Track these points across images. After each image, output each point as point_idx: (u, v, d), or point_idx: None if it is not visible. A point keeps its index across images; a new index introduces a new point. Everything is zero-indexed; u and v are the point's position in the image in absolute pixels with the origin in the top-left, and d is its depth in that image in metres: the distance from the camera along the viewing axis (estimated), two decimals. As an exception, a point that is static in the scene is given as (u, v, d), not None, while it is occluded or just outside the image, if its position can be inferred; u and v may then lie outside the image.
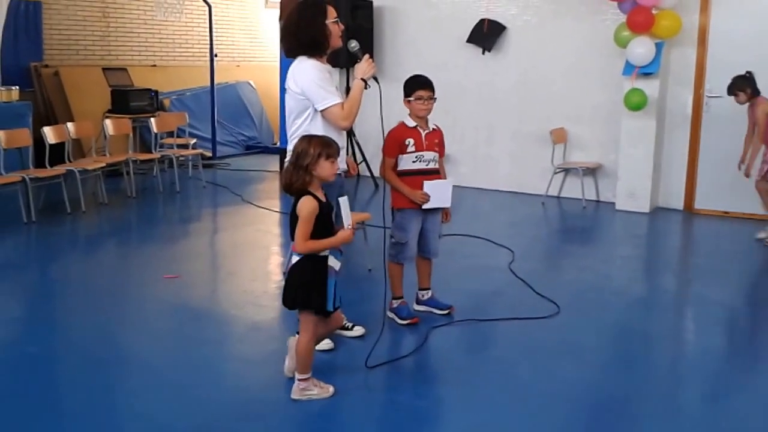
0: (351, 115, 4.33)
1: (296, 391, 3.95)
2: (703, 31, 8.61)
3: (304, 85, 4.32)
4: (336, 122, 4.32)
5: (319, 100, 4.29)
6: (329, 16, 4.41)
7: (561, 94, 9.49)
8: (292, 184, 3.78)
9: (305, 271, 3.82)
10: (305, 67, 4.36)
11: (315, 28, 4.37)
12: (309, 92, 4.31)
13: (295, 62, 4.43)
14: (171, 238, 7.73)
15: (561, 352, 4.72)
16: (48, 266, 6.71)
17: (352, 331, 4.81)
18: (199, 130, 12.19)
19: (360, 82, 4.37)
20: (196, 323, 5.20)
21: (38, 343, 4.76)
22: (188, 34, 13.47)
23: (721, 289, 6.07)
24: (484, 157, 10.14)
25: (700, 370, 4.58)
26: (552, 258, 7.32)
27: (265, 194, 9.91)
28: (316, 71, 4.34)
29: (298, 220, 3.74)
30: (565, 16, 9.40)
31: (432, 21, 10.28)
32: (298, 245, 3.77)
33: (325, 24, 4.38)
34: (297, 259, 3.83)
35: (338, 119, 4.31)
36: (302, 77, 4.34)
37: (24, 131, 8.44)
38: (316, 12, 4.39)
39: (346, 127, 4.38)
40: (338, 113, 4.30)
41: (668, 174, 8.97)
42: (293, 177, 3.76)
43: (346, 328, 4.80)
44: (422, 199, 4.93)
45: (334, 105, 4.29)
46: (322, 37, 4.38)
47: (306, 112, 4.37)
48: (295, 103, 4.40)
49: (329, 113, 4.30)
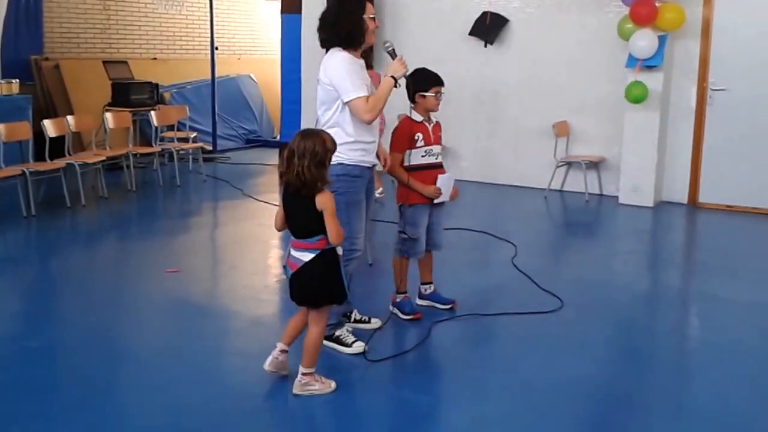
0: (375, 109, 4.31)
1: (298, 386, 3.92)
2: (707, 24, 8.55)
3: (333, 77, 4.33)
4: (359, 115, 4.30)
5: (345, 92, 4.29)
6: (367, 12, 4.44)
7: (564, 87, 9.44)
8: (316, 182, 3.73)
9: (324, 266, 3.82)
10: (336, 58, 4.37)
11: (353, 21, 4.39)
12: (337, 84, 4.31)
13: (328, 54, 4.45)
14: (171, 232, 7.68)
15: (564, 347, 4.69)
16: (48, 260, 6.68)
17: (370, 324, 4.82)
18: (200, 124, 12.15)
19: (390, 79, 4.37)
20: (196, 318, 5.17)
21: (38, 338, 4.73)
22: (189, 26, 13.43)
23: (726, 284, 6.03)
24: (486, 151, 10.10)
25: (706, 366, 4.54)
26: (555, 252, 7.28)
27: (265, 188, 9.86)
28: (347, 63, 4.34)
29: (327, 215, 3.73)
30: (567, 9, 9.35)
31: (434, 14, 10.23)
32: (338, 237, 3.76)
33: (363, 18, 4.41)
34: (313, 256, 3.80)
35: (362, 112, 4.29)
36: (332, 69, 4.34)
37: (24, 124, 8.40)
38: (356, 6, 4.42)
39: (369, 120, 4.33)
40: (362, 106, 4.28)
41: (672, 168, 8.93)
42: (317, 175, 3.72)
43: (363, 321, 4.82)
44: (436, 193, 4.92)
45: (358, 98, 4.27)
46: (358, 31, 4.40)
47: (335, 104, 4.36)
48: (325, 95, 4.41)
49: (353, 106, 4.29)
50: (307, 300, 3.91)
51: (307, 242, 3.81)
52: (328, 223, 3.74)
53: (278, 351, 4.06)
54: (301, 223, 3.81)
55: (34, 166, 8.11)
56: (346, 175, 4.32)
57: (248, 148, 13.07)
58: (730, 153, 8.56)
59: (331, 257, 3.84)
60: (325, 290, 3.86)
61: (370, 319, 4.86)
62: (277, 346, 4.07)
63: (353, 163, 4.37)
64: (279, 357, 4.05)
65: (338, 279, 3.87)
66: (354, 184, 4.39)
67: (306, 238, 3.81)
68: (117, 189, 9.39)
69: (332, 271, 3.84)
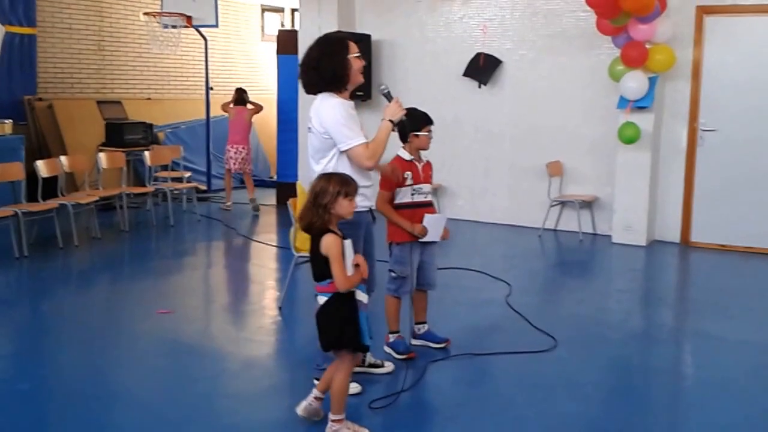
0: (375, 155, 4.23)
1: None
2: (697, 66, 8.64)
3: (328, 125, 4.22)
4: (360, 162, 4.21)
5: (343, 140, 4.19)
6: (351, 51, 4.32)
7: (557, 127, 9.50)
8: (312, 223, 3.72)
9: (338, 310, 3.76)
10: (329, 105, 4.25)
11: (337, 62, 4.26)
12: (334, 132, 4.20)
13: (318, 100, 4.33)
14: (164, 272, 7.66)
15: (558, 386, 4.68)
16: (40, 302, 6.63)
17: (383, 368, 4.80)
18: (194, 163, 12.18)
19: (388, 123, 4.30)
20: (190, 359, 5.14)
21: (30, 380, 4.69)
22: (184, 67, 13.52)
23: (719, 323, 6.03)
24: (480, 190, 10.13)
25: (698, 405, 4.53)
26: (549, 291, 7.28)
27: (260, 228, 9.87)
28: (341, 110, 4.23)
29: (331, 260, 3.67)
30: (559, 51, 9.45)
31: (429, 55, 10.33)
32: (342, 283, 3.68)
33: (347, 59, 4.29)
34: (325, 300, 3.77)
35: (362, 159, 4.20)
36: (327, 116, 4.23)
37: (17, 165, 8.39)
38: (339, 46, 4.31)
39: (370, 167, 4.25)
40: (362, 153, 4.19)
41: (664, 207, 8.96)
42: (314, 216, 3.71)
43: (377, 365, 4.79)
44: (422, 232, 4.93)
45: (358, 145, 4.18)
46: (343, 71, 4.28)
47: (331, 152, 4.27)
48: (319, 143, 4.30)
49: (353, 153, 4.20)
50: (323, 343, 3.85)
51: (321, 285, 3.79)
52: (332, 267, 3.68)
53: (312, 398, 4.00)
54: (315, 265, 3.79)
55: (27, 207, 8.08)
56: (346, 222, 4.31)
57: (243, 188, 13.05)
58: (721, 192, 8.60)
59: (346, 301, 3.76)
60: (337, 334, 3.78)
61: (383, 363, 4.84)
62: (312, 391, 4.01)
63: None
64: (312, 404, 3.99)
65: (353, 325, 3.77)
66: (354, 230, 4.30)
67: (320, 281, 3.79)
68: (110, 229, 9.38)
69: (346, 315, 3.76)
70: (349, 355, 3.84)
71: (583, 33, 9.14)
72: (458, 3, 10.11)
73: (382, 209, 4.92)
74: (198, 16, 11.38)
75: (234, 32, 14.69)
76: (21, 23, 10.83)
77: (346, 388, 3.89)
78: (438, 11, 10.28)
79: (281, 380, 4.90)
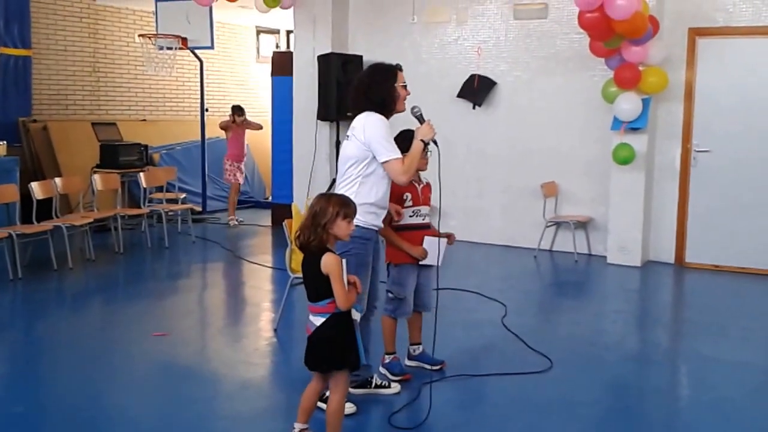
0: (410, 170, 4.50)
1: None
2: (690, 87, 8.70)
3: (371, 137, 4.45)
4: (395, 176, 4.47)
5: (383, 152, 4.44)
6: (399, 80, 4.63)
7: (551, 148, 9.54)
8: (309, 242, 3.73)
9: (336, 330, 3.76)
10: (375, 120, 4.51)
11: (386, 90, 4.58)
12: (375, 144, 4.44)
13: (364, 114, 4.57)
14: (159, 294, 7.64)
15: (554, 408, 4.67)
16: (34, 324, 6.61)
17: (390, 389, 4.85)
18: (189, 185, 12.18)
19: (420, 143, 4.56)
20: (185, 381, 5.12)
21: (24, 403, 4.67)
22: (179, 88, 13.56)
23: (714, 343, 6.04)
24: (475, 211, 10.15)
25: (694, 426, 4.53)
26: (545, 312, 7.28)
27: (256, 249, 9.85)
28: (385, 127, 4.51)
29: (333, 279, 3.68)
30: (554, 72, 9.50)
31: (423, 76, 10.35)
32: (344, 302, 3.70)
33: (395, 87, 4.61)
34: (323, 320, 3.76)
35: (398, 173, 4.46)
36: (371, 129, 4.47)
37: (11, 187, 8.39)
38: (388, 75, 4.62)
39: (405, 181, 4.54)
40: (398, 167, 4.45)
41: (658, 228, 8.99)
42: (311, 235, 3.73)
43: (384, 386, 4.84)
44: (422, 255, 4.95)
45: (395, 159, 4.45)
46: (390, 99, 4.59)
47: (364, 162, 4.48)
48: (356, 151, 4.50)
49: (390, 166, 4.45)
50: (319, 365, 3.84)
51: (318, 306, 3.78)
52: (334, 287, 3.68)
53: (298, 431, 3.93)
54: (312, 285, 3.79)
55: (21, 229, 8.08)
56: (360, 237, 4.36)
57: (239, 209, 13.05)
58: (715, 213, 8.63)
59: (344, 321, 3.77)
60: (337, 355, 3.78)
61: (390, 384, 4.88)
62: (295, 427, 3.93)
63: (367, 225, 4.45)
64: None
65: (351, 344, 3.78)
66: (365, 247, 4.46)
67: (317, 302, 3.78)
68: (104, 251, 9.35)
69: (345, 335, 3.77)
70: (345, 375, 3.84)
71: (577, 55, 9.20)
72: (452, 25, 10.18)
73: (383, 232, 4.93)
74: (193, 37, 11.43)
75: (229, 54, 14.74)
76: (16, 45, 10.87)
77: (343, 409, 3.88)
78: (432, 33, 10.34)
79: (277, 402, 4.89)
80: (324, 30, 10.51)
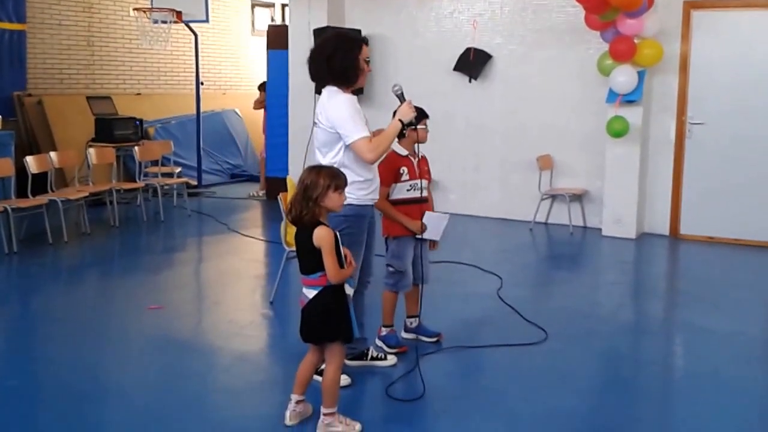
0: (377, 148, 4.32)
1: (321, 427, 3.83)
2: (685, 59, 8.68)
3: (335, 120, 4.31)
4: (362, 155, 4.30)
5: (348, 134, 4.28)
6: (363, 53, 4.46)
7: (546, 121, 9.53)
8: (302, 216, 3.72)
9: (328, 302, 3.77)
10: (337, 101, 4.35)
11: (349, 59, 4.39)
12: (339, 126, 4.30)
13: (325, 95, 4.43)
14: (155, 268, 7.64)
15: (550, 379, 4.70)
16: (29, 298, 6.62)
17: (386, 361, 4.86)
18: (184, 159, 12.15)
19: (398, 122, 4.39)
20: (180, 355, 5.14)
21: (19, 376, 4.68)
22: (174, 62, 13.48)
23: (708, 315, 6.07)
24: (472, 184, 10.15)
25: (689, 396, 4.57)
26: (540, 284, 7.30)
27: (251, 223, 9.86)
28: (348, 105, 4.34)
29: (324, 252, 3.68)
30: (549, 46, 9.46)
31: (419, 50, 10.33)
32: (335, 275, 3.71)
33: (359, 59, 4.42)
34: (315, 293, 3.77)
35: (365, 152, 4.28)
36: (333, 111, 4.33)
37: (6, 161, 8.36)
38: (353, 45, 4.44)
39: (372, 160, 4.35)
40: (365, 146, 4.27)
41: (653, 200, 9.01)
42: (303, 209, 3.71)
43: (380, 358, 4.85)
44: (420, 229, 4.93)
45: (360, 139, 4.27)
46: (353, 70, 4.40)
47: (338, 145, 4.35)
48: (325, 137, 4.39)
49: (355, 146, 4.28)
50: (312, 336, 3.85)
51: (310, 278, 3.79)
52: (325, 260, 3.69)
53: (294, 403, 3.96)
54: (304, 258, 3.79)
55: (16, 203, 8.05)
56: (355, 215, 4.33)
57: (233, 183, 13.08)
58: (710, 185, 8.65)
59: (337, 294, 3.78)
60: (329, 327, 3.79)
61: (386, 356, 4.90)
62: (291, 398, 3.97)
63: (361, 203, 4.40)
64: (297, 408, 3.96)
65: (344, 316, 3.80)
66: (359, 223, 4.41)
67: (309, 275, 3.79)
68: (100, 225, 9.35)
69: (337, 308, 3.78)
70: (339, 347, 3.86)
71: (572, 28, 9.16)
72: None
73: (380, 206, 4.91)
74: (188, 11, 11.35)
75: (224, 27, 14.64)
76: (11, 19, 10.78)
77: (338, 381, 3.90)
78: (428, 6, 10.28)
79: (273, 375, 4.91)
80: (320, 3, 10.43)
